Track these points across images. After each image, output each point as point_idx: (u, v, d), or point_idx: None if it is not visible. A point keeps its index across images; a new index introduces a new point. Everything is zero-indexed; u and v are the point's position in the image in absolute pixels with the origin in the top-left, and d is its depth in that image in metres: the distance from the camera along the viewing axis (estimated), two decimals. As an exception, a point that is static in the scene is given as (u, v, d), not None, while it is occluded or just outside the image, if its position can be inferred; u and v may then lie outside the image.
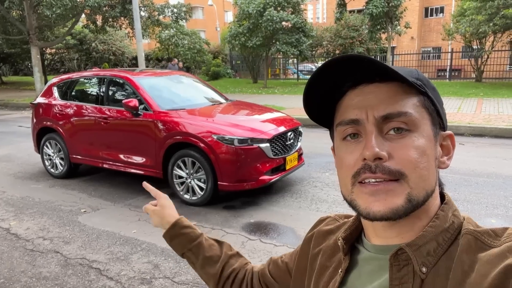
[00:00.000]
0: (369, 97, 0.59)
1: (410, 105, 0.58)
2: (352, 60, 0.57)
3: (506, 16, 15.15)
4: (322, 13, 63.93)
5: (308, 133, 6.38)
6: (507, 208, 4.16)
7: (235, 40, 18.76)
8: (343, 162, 0.62)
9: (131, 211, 4.43)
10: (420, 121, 0.59)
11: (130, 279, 3.03)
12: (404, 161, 0.57)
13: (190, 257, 1.00)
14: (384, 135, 0.59)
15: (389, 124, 0.58)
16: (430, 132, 0.60)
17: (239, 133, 4.37)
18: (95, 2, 15.56)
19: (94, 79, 5.72)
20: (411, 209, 0.57)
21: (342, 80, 0.62)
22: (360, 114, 0.59)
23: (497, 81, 18.86)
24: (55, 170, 5.83)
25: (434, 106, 0.61)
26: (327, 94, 0.64)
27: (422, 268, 0.57)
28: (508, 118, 8.86)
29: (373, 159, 0.57)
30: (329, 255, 0.75)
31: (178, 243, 1.00)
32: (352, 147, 0.61)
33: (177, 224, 1.01)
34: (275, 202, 4.55)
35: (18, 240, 3.76)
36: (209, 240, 1.01)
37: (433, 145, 0.60)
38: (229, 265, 0.97)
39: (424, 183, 0.58)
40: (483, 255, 0.54)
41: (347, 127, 0.61)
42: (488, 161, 5.91)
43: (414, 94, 0.59)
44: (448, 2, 29.56)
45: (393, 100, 0.58)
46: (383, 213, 0.57)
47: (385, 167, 0.57)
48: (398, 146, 0.57)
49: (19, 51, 24.96)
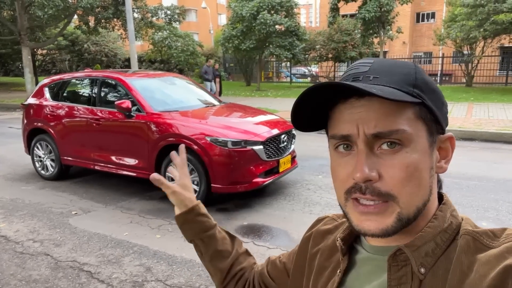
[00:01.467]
0: (359, 111, 0.57)
1: (403, 120, 0.56)
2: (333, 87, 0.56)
3: (496, 22, 15.39)
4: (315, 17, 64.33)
5: (302, 136, 6.40)
6: (498, 211, 4.21)
7: (229, 42, 18.79)
8: (336, 175, 0.62)
9: (122, 214, 4.38)
10: (414, 136, 0.57)
11: (121, 282, 3.00)
12: (394, 181, 0.56)
13: (199, 246, 0.95)
14: (375, 151, 0.57)
15: (381, 140, 0.57)
16: (425, 143, 0.58)
17: (233, 135, 4.36)
18: (87, 3, 15.46)
19: (86, 80, 5.67)
20: (401, 227, 0.57)
21: (332, 96, 0.59)
22: (352, 129, 0.58)
23: (487, 86, 19.13)
24: (46, 172, 5.76)
25: (431, 113, 0.59)
26: (319, 107, 0.62)
27: (420, 269, 0.57)
28: (498, 122, 8.98)
29: (363, 181, 0.56)
30: (327, 255, 0.74)
31: (189, 228, 0.94)
32: (345, 160, 0.60)
33: (195, 209, 0.94)
34: (269, 205, 4.55)
35: (7, 243, 3.70)
36: (222, 233, 0.97)
37: (427, 156, 0.59)
38: (238, 263, 0.95)
39: (414, 200, 0.57)
40: (481, 256, 0.54)
41: (338, 141, 0.61)
42: (478, 165, 5.97)
43: (409, 106, 0.57)
44: (439, 7, 29.93)
45: (384, 117, 0.56)
46: (373, 232, 0.58)
47: (375, 188, 0.56)
48: (389, 164, 0.56)
49: (10, 51, 24.69)
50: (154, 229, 3.95)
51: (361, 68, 0.61)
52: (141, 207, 4.55)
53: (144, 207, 4.57)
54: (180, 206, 0.95)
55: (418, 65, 0.61)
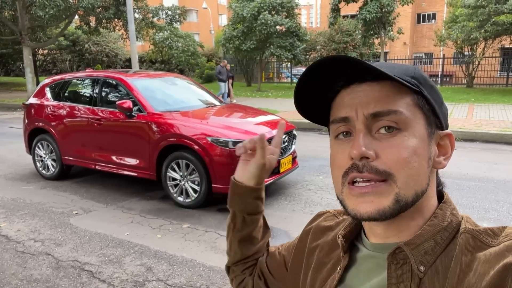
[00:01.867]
0: (360, 96, 0.59)
1: (402, 103, 0.57)
2: (338, 60, 0.57)
3: (497, 23, 15.38)
4: (316, 18, 64.34)
5: (302, 136, 6.41)
6: (498, 212, 4.21)
7: (229, 43, 18.79)
8: (335, 161, 0.62)
9: (123, 213, 4.39)
10: (412, 121, 0.57)
11: (122, 281, 3.00)
12: (391, 161, 0.56)
13: (237, 221, 0.89)
14: (373, 134, 0.58)
15: (379, 122, 0.57)
16: (424, 131, 0.59)
17: (234, 136, 4.37)
18: (88, 3, 15.47)
19: (87, 80, 5.68)
20: (398, 209, 0.57)
21: (334, 80, 0.61)
22: (350, 112, 0.59)
23: (488, 87, 19.12)
24: (47, 172, 5.77)
25: (429, 105, 0.60)
26: (321, 94, 0.64)
27: (420, 267, 0.57)
28: (498, 123, 8.97)
29: (360, 158, 0.57)
30: (327, 251, 0.74)
31: (241, 203, 0.87)
32: (343, 146, 0.60)
33: (257, 191, 0.86)
34: (269, 205, 4.55)
35: (8, 242, 3.70)
36: (262, 221, 0.93)
37: (426, 145, 0.59)
38: (258, 254, 0.94)
39: (413, 183, 0.57)
40: (481, 254, 0.54)
41: (338, 125, 0.61)
42: (479, 166, 5.97)
43: (408, 93, 0.58)
44: (440, 8, 29.94)
45: (384, 99, 0.58)
46: (370, 214, 0.57)
47: (372, 166, 0.56)
48: (387, 146, 0.57)
49: (11, 51, 24.73)
50: (155, 229, 3.96)
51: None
52: (142, 207, 4.56)
53: (145, 207, 4.58)
54: (252, 178, 0.85)
55: (418, 67, 0.63)
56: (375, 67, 0.54)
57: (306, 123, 9.50)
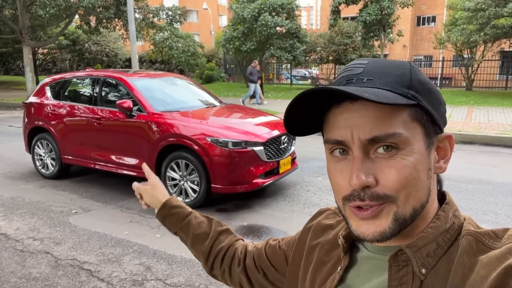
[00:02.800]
0: (354, 116, 0.56)
1: (399, 122, 0.55)
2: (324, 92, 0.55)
3: (497, 26, 15.42)
4: (316, 20, 64.43)
5: (302, 138, 6.41)
6: (497, 214, 4.22)
7: (230, 44, 18.82)
8: (333, 180, 0.61)
9: (122, 213, 4.39)
10: (410, 138, 0.56)
11: (121, 280, 3.01)
12: (391, 183, 0.56)
13: (181, 235, 1.02)
14: (371, 156, 0.57)
15: (376, 145, 0.56)
16: (422, 145, 0.57)
17: (233, 136, 4.37)
18: (89, 2, 15.48)
19: (87, 79, 5.68)
20: (398, 228, 0.57)
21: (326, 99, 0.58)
22: (346, 134, 0.57)
23: (487, 90, 19.16)
24: (46, 171, 5.77)
25: (428, 114, 0.58)
26: (312, 111, 0.61)
27: (421, 269, 0.57)
28: (497, 126, 9.00)
29: (360, 188, 0.56)
30: (327, 250, 0.74)
31: (169, 222, 1.02)
32: (341, 165, 0.59)
33: (167, 204, 1.03)
34: (268, 206, 4.56)
35: (7, 241, 3.70)
36: (198, 218, 1.02)
37: (425, 158, 0.58)
38: (218, 242, 0.99)
39: (412, 200, 0.57)
40: (483, 257, 0.54)
41: (334, 146, 0.60)
42: (478, 168, 5.99)
43: (405, 109, 0.56)
44: (440, 11, 30.01)
45: (380, 121, 0.55)
46: (372, 236, 0.57)
47: (373, 193, 0.56)
48: (386, 166, 0.56)
49: (11, 50, 24.71)
50: (154, 229, 3.96)
51: (354, 70, 0.60)
52: (140, 207, 4.54)
53: (144, 206, 4.57)
54: (156, 204, 1.05)
55: (414, 65, 0.61)
56: (367, 97, 0.51)
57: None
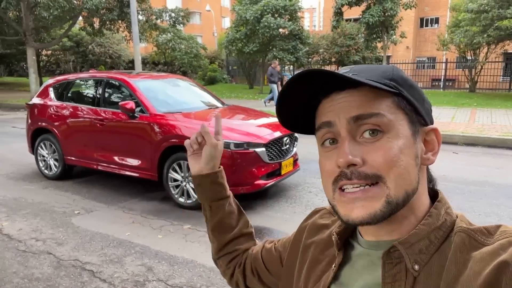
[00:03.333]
0: (340, 102, 0.60)
1: (383, 106, 0.58)
2: (314, 74, 0.58)
3: (500, 27, 15.37)
4: (319, 21, 64.45)
5: (304, 139, 6.39)
6: (500, 216, 4.20)
7: (232, 45, 18.85)
8: (323, 169, 0.63)
9: (124, 214, 4.40)
10: (394, 122, 0.58)
11: (123, 281, 3.01)
12: (379, 163, 0.57)
13: (206, 211, 0.97)
14: (358, 140, 0.59)
15: (362, 127, 0.58)
16: (408, 131, 0.59)
17: (235, 137, 4.38)
18: (93, 4, 15.55)
19: (90, 80, 5.71)
20: (390, 211, 0.57)
21: (315, 90, 0.62)
22: (332, 116, 0.60)
23: (490, 91, 19.09)
24: (49, 171, 5.79)
25: (410, 105, 0.60)
26: (304, 105, 0.65)
27: (414, 266, 0.57)
28: (501, 128, 8.96)
29: (347, 166, 0.57)
30: (322, 249, 0.75)
31: (202, 191, 0.95)
32: (331, 153, 0.61)
33: (210, 176, 0.93)
34: (270, 207, 4.56)
35: (10, 241, 3.72)
36: (232, 206, 0.98)
37: (411, 144, 0.60)
38: (238, 243, 0.96)
39: (403, 182, 0.58)
40: (476, 253, 0.55)
41: (323, 132, 0.62)
42: (481, 170, 5.97)
43: (387, 96, 0.59)
44: (443, 13, 29.94)
45: (364, 103, 0.58)
46: (362, 218, 0.58)
47: (360, 172, 0.57)
48: (372, 149, 0.58)
49: (15, 52, 24.85)
50: (155, 230, 3.97)
51: (342, 70, 0.63)
52: (143, 208, 4.57)
53: (146, 207, 4.59)
54: (206, 166, 0.93)
55: (396, 66, 0.64)
56: (350, 77, 0.56)
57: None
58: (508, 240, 0.54)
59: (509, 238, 0.54)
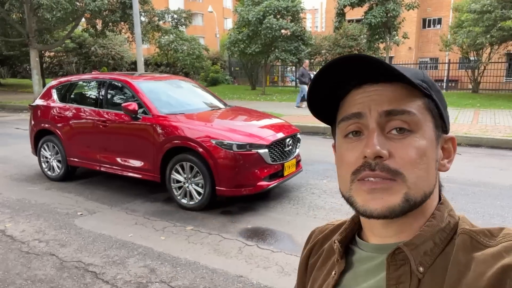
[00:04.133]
0: (372, 95, 0.60)
1: (414, 105, 0.59)
2: (360, 59, 0.57)
3: (503, 28, 15.31)
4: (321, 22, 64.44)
5: (306, 140, 6.40)
6: (504, 217, 4.18)
7: (234, 46, 18.84)
8: (344, 159, 0.62)
9: (127, 215, 4.40)
10: (422, 123, 0.59)
11: (126, 283, 3.01)
12: (403, 161, 0.57)
13: None
14: (386, 134, 0.59)
15: (392, 122, 0.58)
16: (432, 134, 0.60)
17: (238, 138, 4.37)
18: (95, 6, 15.60)
19: (93, 82, 5.72)
20: (407, 208, 0.57)
21: (347, 78, 0.62)
22: (363, 108, 0.60)
23: (493, 92, 19.01)
24: (52, 173, 5.81)
25: (437, 109, 0.61)
26: (332, 90, 0.64)
27: (419, 268, 0.57)
28: (504, 129, 8.92)
29: (374, 157, 0.57)
30: (323, 259, 0.75)
31: None
32: (354, 144, 0.61)
33: None
34: (273, 208, 4.55)
35: (13, 242, 3.73)
36: None
37: (434, 147, 0.60)
38: None
39: (422, 184, 0.58)
40: (479, 255, 0.54)
41: (349, 123, 0.61)
42: (484, 171, 5.94)
43: (419, 96, 0.60)
44: (446, 13, 29.87)
45: (397, 99, 0.59)
46: (380, 211, 0.57)
47: (384, 165, 0.57)
48: (399, 146, 0.58)
49: (18, 53, 24.90)
50: (158, 231, 3.96)
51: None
52: (145, 209, 4.57)
53: (149, 209, 4.59)
54: None
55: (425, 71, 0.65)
56: (395, 68, 0.56)
57: (310, 127, 9.49)
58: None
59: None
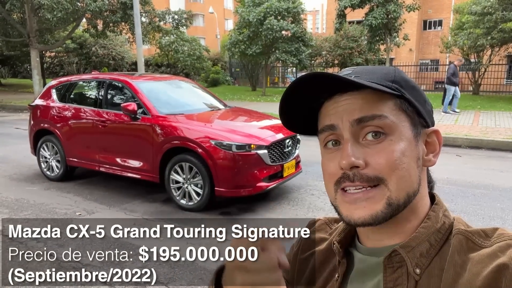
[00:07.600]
0: (343, 105, 0.60)
1: (385, 108, 0.59)
2: (318, 77, 0.58)
3: (504, 30, 15.31)
4: (322, 23, 64.54)
5: (306, 141, 6.36)
6: (504, 220, 4.16)
7: (235, 47, 18.86)
8: (326, 170, 0.63)
9: (126, 215, 4.39)
10: (397, 124, 0.59)
11: (123, 284, 2.99)
12: (381, 166, 0.57)
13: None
14: (361, 142, 0.59)
15: (365, 129, 0.58)
16: (410, 133, 0.60)
17: (237, 139, 4.36)
18: (96, 6, 15.63)
19: (93, 82, 5.71)
20: (391, 213, 0.58)
21: (317, 92, 0.62)
22: (336, 120, 0.60)
23: (494, 94, 19.01)
24: (51, 173, 5.79)
25: (413, 107, 0.61)
26: (307, 107, 0.65)
27: (416, 269, 0.57)
28: (505, 131, 8.91)
29: (349, 168, 0.57)
30: (321, 261, 0.73)
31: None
32: (333, 154, 0.61)
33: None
34: (272, 209, 4.53)
35: (11, 242, 3.71)
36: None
37: (413, 146, 0.60)
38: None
39: (404, 185, 0.58)
40: (474, 255, 0.55)
41: (325, 134, 0.62)
42: (485, 173, 5.92)
43: (390, 98, 0.60)
44: (447, 15, 29.89)
45: (367, 105, 0.58)
46: (363, 219, 0.58)
47: (362, 175, 0.57)
48: (375, 152, 0.58)
49: (19, 53, 24.95)
50: (157, 232, 3.95)
51: (344, 72, 0.63)
52: (144, 209, 4.56)
53: (148, 209, 4.58)
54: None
55: (398, 68, 0.65)
56: (352, 79, 0.56)
57: (311, 128, 9.47)
58: (507, 243, 0.54)
59: (507, 241, 0.54)
